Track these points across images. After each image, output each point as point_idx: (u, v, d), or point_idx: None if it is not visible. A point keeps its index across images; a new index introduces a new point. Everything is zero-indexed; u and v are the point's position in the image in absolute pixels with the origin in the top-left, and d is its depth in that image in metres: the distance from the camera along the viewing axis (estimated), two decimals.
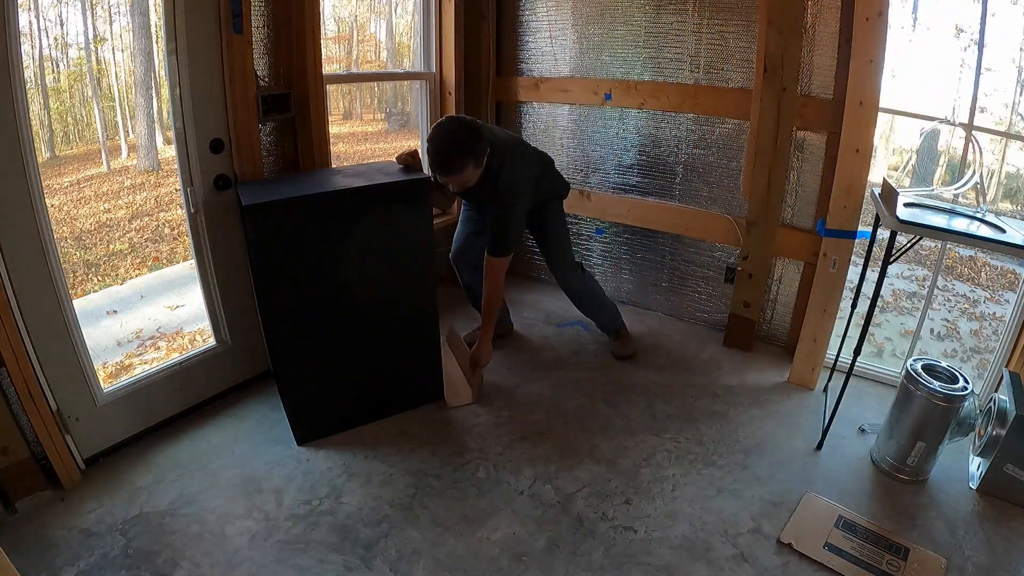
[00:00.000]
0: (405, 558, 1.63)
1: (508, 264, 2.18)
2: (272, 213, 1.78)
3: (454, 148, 1.90)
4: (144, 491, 1.83)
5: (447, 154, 1.90)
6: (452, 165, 1.90)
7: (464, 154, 1.90)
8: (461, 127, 1.93)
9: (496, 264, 2.15)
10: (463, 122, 1.96)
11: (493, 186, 2.05)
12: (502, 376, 2.48)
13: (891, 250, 1.81)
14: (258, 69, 2.11)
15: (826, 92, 2.31)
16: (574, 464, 1.99)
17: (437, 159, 1.91)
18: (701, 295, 2.91)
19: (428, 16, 2.91)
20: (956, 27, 3.45)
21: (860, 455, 2.05)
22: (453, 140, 1.90)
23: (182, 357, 2.19)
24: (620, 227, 3.04)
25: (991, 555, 1.66)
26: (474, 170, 1.96)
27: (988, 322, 3.87)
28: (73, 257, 3.65)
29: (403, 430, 2.14)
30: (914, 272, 4.38)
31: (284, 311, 1.90)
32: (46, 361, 1.75)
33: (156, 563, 1.58)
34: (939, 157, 4.20)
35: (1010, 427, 1.77)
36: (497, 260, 2.15)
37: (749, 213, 2.55)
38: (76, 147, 4.52)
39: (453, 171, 1.91)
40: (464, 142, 1.91)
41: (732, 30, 2.46)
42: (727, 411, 2.28)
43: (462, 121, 1.96)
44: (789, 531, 1.72)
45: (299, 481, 1.89)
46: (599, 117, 2.92)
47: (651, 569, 1.61)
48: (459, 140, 1.91)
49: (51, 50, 4.00)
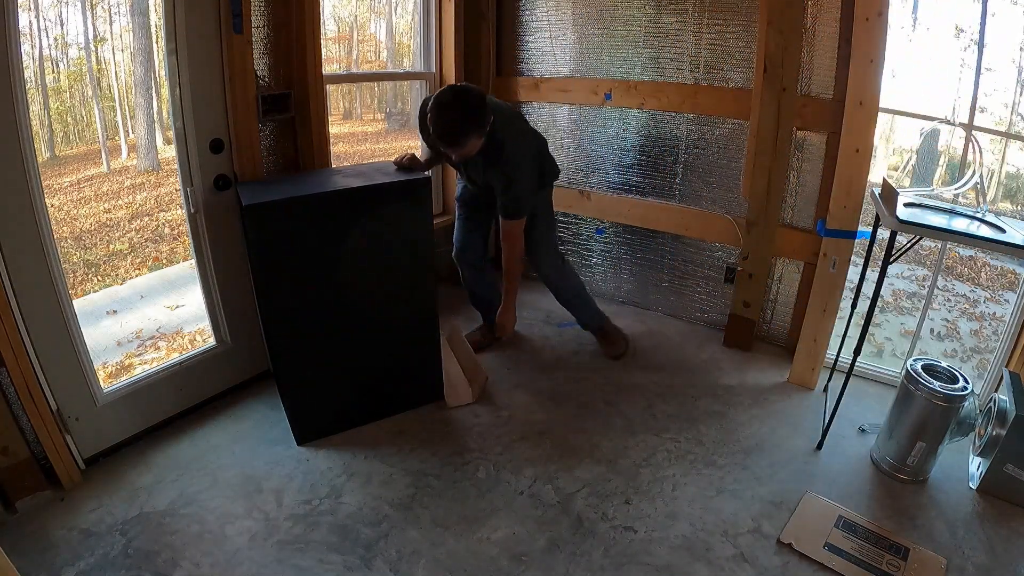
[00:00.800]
0: (405, 558, 1.63)
1: (524, 224, 2.18)
2: (272, 213, 1.78)
3: (458, 120, 1.85)
4: (144, 491, 1.83)
5: (451, 126, 1.85)
6: (456, 137, 1.87)
7: (468, 125, 1.87)
8: (464, 98, 1.87)
9: (512, 227, 2.15)
10: (465, 92, 1.90)
11: (498, 152, 2.03)
12: (502, 376, 2.48)
13: (891, 250, 1.81)
14: (258, 69, 2.11)
15: (826, 92, 2.31)
16: (574, 464, 1.99)
17: (440, 131, 1.86)
18: (701, 295, 2.91)
19: (428, 16, 2.91)
20: (956, 27, 3.45)
21: (860, 455, 2.05)
22: (456, 112, 1.85)
23: (182, 357, 2.19)
24: (620, 227, 3.04)
25: (991, 555, 1.66)
26: (477, 140, 1.93)
27: (988, 322, 3.87)
28: (73, 257, 3.65)
29: (403, 430, 2.14)
30: (914, 272, 4.38)
31: (284, 311, 1.90)
32: (46, 361, 1.75)
33: (156, 563, 1.58)
34: (939, 157, 4.20)
35: (1010, 427, 1.77)
36: (513, 223, 2.15)
37: (749, 213, 2.55)
38: (76, 147, 4.52)
39: (457, 143, 1.88)
40: (467, 114, 1.86)
41: (732, 30, 2.46)
42: (727, 411, 2.28)
43: (465, 91, 1.90)
44: (789, 531, 1.72)
45: (299, 481, 1.89)
46: (599, 117, 2.92)
47: (651, 569, 1.61)
48: (463, 112, 1.86)
49: (51, 50, 4.00)
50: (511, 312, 2.28)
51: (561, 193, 3.11)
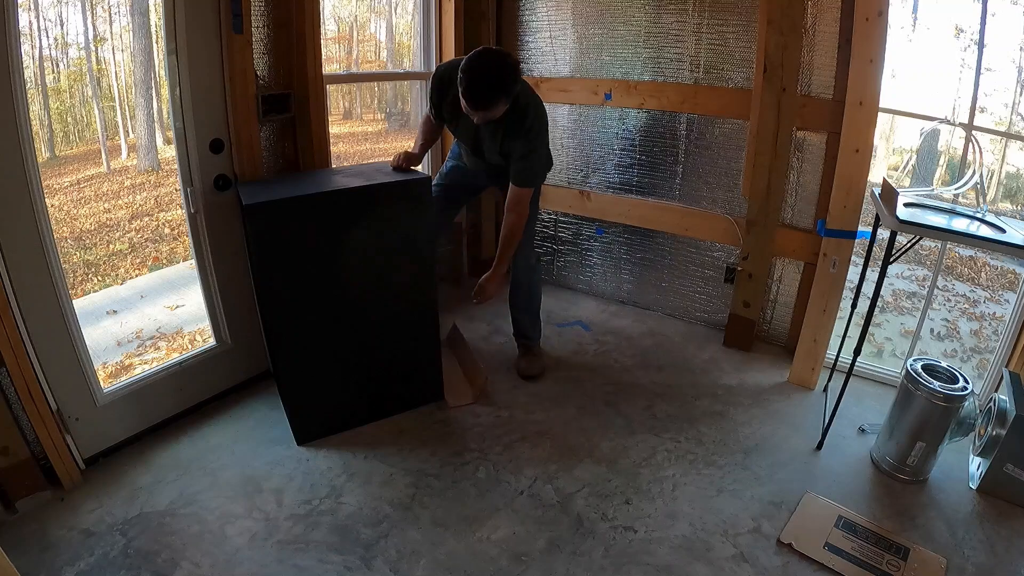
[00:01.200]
0: (405, 558, 1.63)
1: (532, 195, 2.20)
2: (273, 212, 1.78)
3: (494, 83, 1.86)
4: (144, 491, 1.83)
5: (485, 89, 1.85)
6: (487, 99, 1.87)
7: (500, 90, 1.87)
8: (501, 62, 1.88)
9: (523, 195, 2.14)
10: (503, 56, 1.91)
11: (521, 119, 2.04)
12: (502, 376, 2.48)
13: (891, 250, 1.81)
14: (258, 69, 2.11)
15: (826, 92, 2.31)
16: (574, 464, 1.99)
17: (473, 93, 1.85)
18: (701, 295, 2.91)
19: (428, 16, 2.91)
20: (956, 27, 3.45)
21: (860, 455, 2.05)
22: (493, 75, 1.86)
23: (182, 357, 2.19)
24: (620, 227, 3.04)
25: (991, 555, 1.66)
26: (504, 105, 1.93)
27: (988, 322, 3.87)
28: (73, 257, 3.65)
29: (403, 430, 2.14)
30: (914, 272, 4.38)
31: (284, 311, 1.90)
32: (46, 361, 1.75)
33: (156, 563, 1.58)
34: (939, 157, 4.20)
35: (1010, 427, 1.77)
36: (524, 191, 2.14)
37: (749, 213, 2.55)
38: (76, 147, 4.52)
39: (487, 105, 1.88)
40: (503, 78, 1.87)
41: (732, 30, 2.46)
42: (727, 411, 2.28)
43: (501, 55, 1.92)
44: (789, 531, 1.72)
45: (299, 481, 1.89)
46: (599, 117, 2.92)
47: (651, 569, 1.61)
48: (499, 76, 1.87)
49: (51, 50, 4.00)
50: (497, 279, 2.22)
51: (561, 193, 3.13)
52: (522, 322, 2.55)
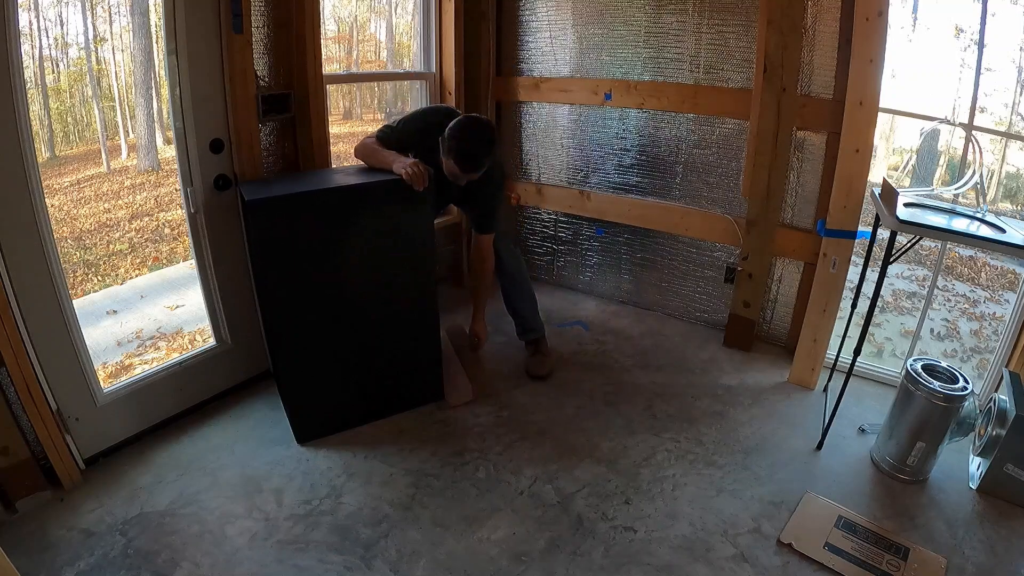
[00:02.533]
0: (405, 558, 1.63)
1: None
2: (275, 210, 1.78)
3: (486, 151, 2.01)
4: (144, 491, 1.83)
5: (479, 156, 1.99)
6: (479, 165, 2.01)
7: (490, 156, 2.03)
8: (491, 131, 2.06)
9: (488, 239, 2.33)
10: (490, 125, 2.10)
11: (488, 178, 2.15)
12: (502, 376, 2.48)
13: (891, 250, 1.81)
14: (258, 69, 2.11)
15: (826, 92, 2.31)
16: (574, 464, 1.99)
17: (467, 158, 1.98)
18: (701, 295, 2.91)
19: (428, 16, 2.91)
20: (956, 27, 3.45)
21: (860, 455, 2.05)
22: (487, 143, 2.02)
23: (182, 357, 2.19)
24: (620, 227, 3.04)
25: (991, 555, 1.66)
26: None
27: (988, 322, 3.87)
28: (73, 257, 3.65)
29: (403, 430, 2.14)
30: (914, 272, 4.38)
31: (284, 311, 1.90)
32: (46, 361, 1.75)
33: (156, 563, 1.58)
34: (939, 157, 4.20)
35: (1010, 427, 1.77)
36: (490, 236, 2.33)
37: (749, 213, 2.55)
38: (76, 147, 4.53)
39: (476, 169, 2.02)
40: (492, 145, 2.04)
41: (732, 30, 2.46)
42: (727, 411, 2.28)
43: (489, 124, 2.10)
44: (789, 531, 1.72)
45: (299, 481, 1.89)
46: (599, 117, 2.92)
47: (651, 569, 1.61)
48: (490, 143, 2.03)
49: (51, 50, 4.00)
50: (483, 321, 2.47)
51: (561, 193, 3.13)
52: (524, 314, 2.53)
